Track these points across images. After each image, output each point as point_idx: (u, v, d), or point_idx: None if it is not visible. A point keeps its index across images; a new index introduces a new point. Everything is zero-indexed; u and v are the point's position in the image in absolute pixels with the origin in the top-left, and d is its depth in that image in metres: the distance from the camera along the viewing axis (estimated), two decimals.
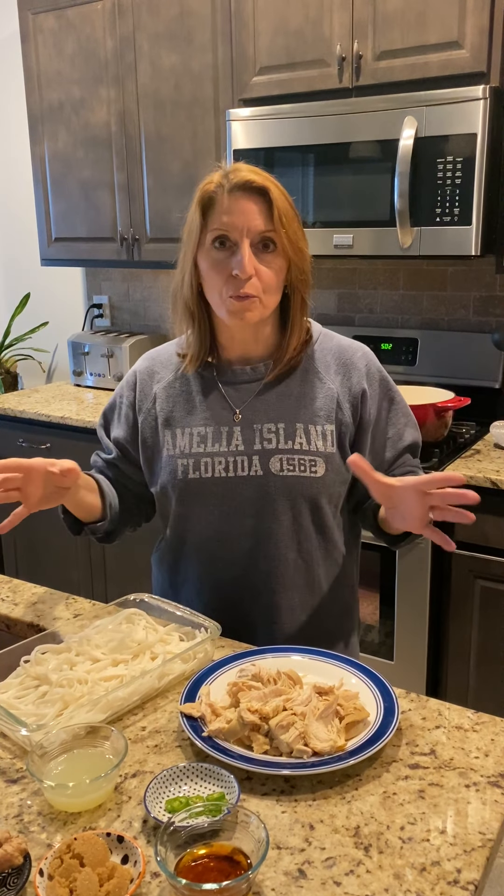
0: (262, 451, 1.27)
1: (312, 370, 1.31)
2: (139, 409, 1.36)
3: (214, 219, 1.20)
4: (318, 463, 1.27)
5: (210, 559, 1.33)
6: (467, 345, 2.59)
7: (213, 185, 1.21)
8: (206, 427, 1.30)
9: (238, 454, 1.28)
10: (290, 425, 1.28)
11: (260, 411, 1.29)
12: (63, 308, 3.65)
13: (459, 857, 0.81)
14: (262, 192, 1.19)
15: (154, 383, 1.36)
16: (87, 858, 0.77)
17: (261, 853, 0.77)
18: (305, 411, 1.29)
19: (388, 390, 1.35)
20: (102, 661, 1.10)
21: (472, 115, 2.10)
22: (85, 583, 3.00)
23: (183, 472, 1.29)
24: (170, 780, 0.90)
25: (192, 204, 1.23)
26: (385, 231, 2.29)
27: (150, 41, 2.71)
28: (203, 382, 1.33)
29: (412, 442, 1.37)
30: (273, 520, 1.28)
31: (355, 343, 1.36)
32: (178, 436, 1.31)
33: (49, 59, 2.96)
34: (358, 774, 0.93)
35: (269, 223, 1.19)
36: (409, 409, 1.38)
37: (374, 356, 1.36)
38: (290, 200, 1.23)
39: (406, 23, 2.20)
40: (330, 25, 2.32)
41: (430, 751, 0.97)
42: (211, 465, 1.28)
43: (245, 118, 2.45)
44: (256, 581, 1.31)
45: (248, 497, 1.28)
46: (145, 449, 1.36)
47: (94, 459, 1.46)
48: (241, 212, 1.18)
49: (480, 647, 2.16)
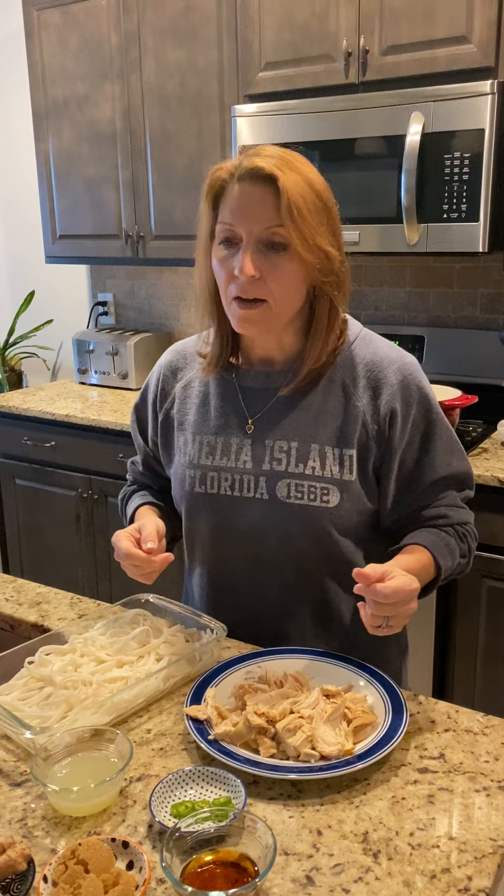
0: (269, 473, 1.17)
1: (339, 382, 1.17)
2: (160, 407, 1.30)
3: (223, 210, 1.10)
4: (332, 491, 1.14)
5: (213, 580, 1.26)
6: (474, 342, 2.58)
7: (225, 172, 1.09)
8: (216, 437, 1.21)
9: (245, 472, 1.18)
10: (303, 445, 1.16)
11: (274, 425, 1.18)
12: (68, 306, 3.64)
13: (470, 864, 0.79)
14: (271, 180, 1.05)
15: (176, 381, 1.29)
16: (91, 864, 0.76)
17: (268, 859, 0.75)
18: (323, 430, 1.16)
19: (427, 411, 1.17)
20: (107, 663, 1.09)
21: (480, 111, 2.08)
22: (90, 582, 2.99)
23: (190, 483, 1.22)
24: (175, 785, 0.89)
25: (203, 192, 1.13)
26: (391, 228, 2.28)
27: (155, 37, 2.69)
28: (222, 385, 1.23)
29: (451, 474, 1.19)
30: (277, 548, 1.18)
31: (395, 353, 1.19)
32: (189, 442, 1.24)
33: (53, 55, 2.95)
34: (366, 779, 0.92)
35: (276, 217, 1.05)
36: (452, 435, 1.20)
37: (418, 369, 1.18)
38: (320, 190, 1.08)
39: (413, 17, 2.18)
40: (336, 20, 2.30)
41: (440, 755, 0.96)
42: (217, 481, 1.20)
43: (250, 114, 2.44)
44: (261, 610, 1.23)
45: (252, 521, 1.18)
46: (165, 452, 1.31)
47: (132, 469, 1.40)
48: (246, 204, 1.07)
49: (487, 648, 2.15)
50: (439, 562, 1.14)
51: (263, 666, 1.09)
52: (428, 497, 1.20)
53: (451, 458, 1.20)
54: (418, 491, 1.19)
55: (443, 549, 1.16)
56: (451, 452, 1.20)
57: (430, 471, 1.18)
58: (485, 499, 2.04)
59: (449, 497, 1.21)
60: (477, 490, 1.28)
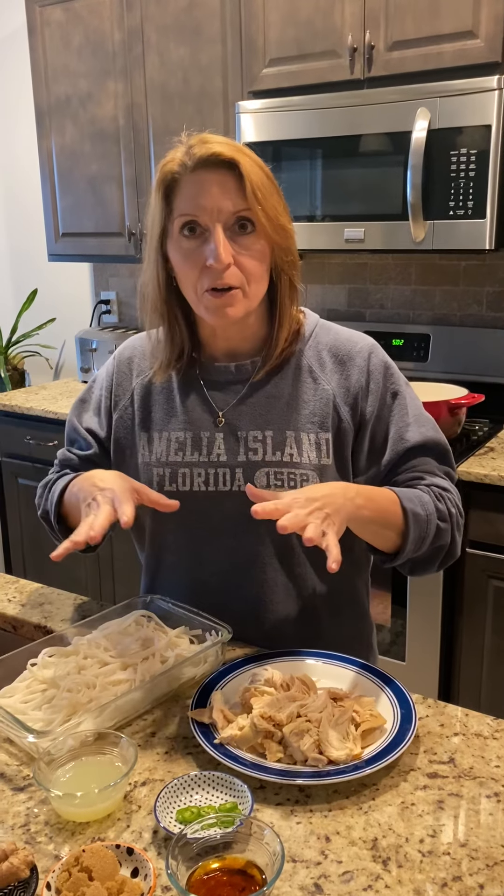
0: (246, 464, 1.15)
1: (306, 368, 1.18)
2: (115, 404, 1.25)
3: (180, 203, 1.07)
4: (311, 478, 1.14)
5: (188, 583, 1.23)
6: (480, 341, 2.56)
7: (176, 164, 1.07)
8: (184, 432, 1.18)
9: (220, 465, 1.16)
10: (279, 433, 1.15)
11: (245, 416, 1.17)
12: (70, 304, 3.63)
13: (482, 872, 0.78)
14: (230, 165, 1.04)
15: (134, 377, 1.24)
16: (95, 872, 0.75)
17: (276, 867, 0.74)
18: (297, 416, 1.16)
19: (392, 383, 1.19)
20: (111, 665, 1.07)
21: (487, 107, 2.06)
22: (93, 582, 2.98)
23: (158, 482, 1.18)
24: (181, 790, 0.88)
25: (153, 188, 1.10)
26: (397, 225, 2.26)
27: (159, 33, 2.67)
28: (185, 381, 1.20)
29: (419, 442, 1.17)
30: (258, 541, 1.16)
31: (357, 335, 1.21)
32: (154, 440, 1.20)
33: (56, 52, 2.93)
34: (375, 784, 0.90)
35: (243, 201, 1.04)
36: (419, 404, 1.21)
37: (381, 349, 1.21)
38: (267, 170, 1.08)
39: (419, 12, 2.16)
40: (341, 15, 2.28)
41: (449, 759, 0.94)
42: (189, 477, 1.17)
43: (254, 111, 2.42)
44: (242, 608, 1.20)
45: (230, 515, 1.15)
46: (117, 450, 1.25)
47: (64, 456, 1.31)
48: (209, 192, 1.04)
49: (494, 649, 2.13)
50: (404, 504, 1.09)
51: (270, 668, 1.08)
52: (396, 468, 1.18)
53: (422, 429, 1.19)
54: (386, 462, 1.18)
55: (412, 496, 1.11)
56: (422, 423, 1.19)
57: (398, 441, 1.17)
58: (491, 498, 2.02)
59: (427, 465, 1.19)
60: (483, 489, 1.26)
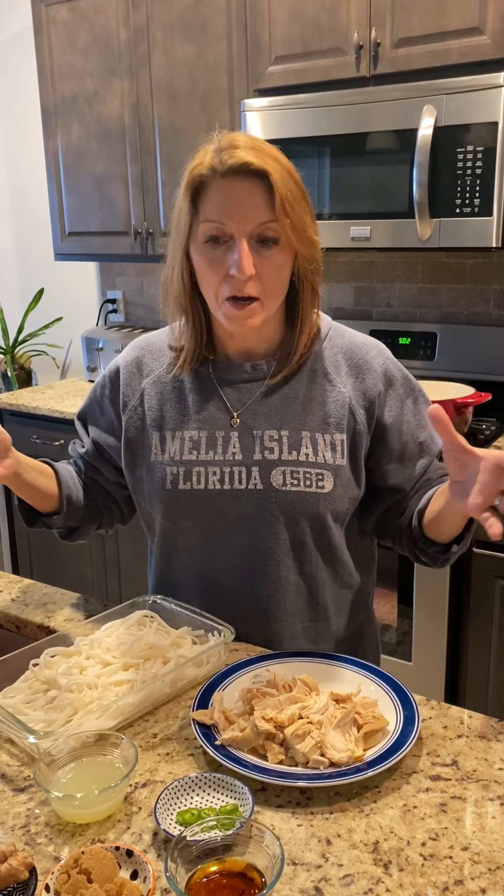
0: (262, 462, 1.16)
1: (321, 370, 1.18)
2: (124, 405, 1.24)
3: (206, 208, 1.07)
4: (326, 477, 1.15)
5: (200, 582, 1.22)
6: (487, 339, 2.54)
7: (205, 168, 1.07)
8: (199, 431, 1.18)
9: (235, 464, 1.16)
10: (294, 433, 1.16)
11: (261, 416, 1.17)
12: (77, 303, 3.63)
13: (484, 876, 0.77)
14: (261, 175, 1.04)
15: (143, 377, 1.24)
16: (94, 874, 0.74)
17: (276, 870, 0.73)
18: (313, 417, 1.17)
19: (412, 390, 1.21)
20: (113, 666, 1.07)
21: (494, 103, 2.04)
22: (99, 580, 2.98)
23: (172, 481, 1.18)
24: (181, 791, 0.87)
25: (181, 189, 1.10)
26: (403, 223, 2.25)
27: (164, 31, 2.67)
28: (198, 380, 1.20)
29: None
30: (272, 539, 1.17)
31: (370, 340, 1.23)
32: (167, 439, 1.20)
33: (62, 51, 2.93)
34: (377, 786, 0.89)
35: (270, 212, 1.04)
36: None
37: (391, 354, 1.23)
38: (297, 176, 1.08)
39: (425, 8, 2.14)
40: (347, 12, 2.27)
41: (452, 761, 0.93)
42: (204, 476, 1.17)
43: (260, 108, 2.41)
44: (253, 606, 1.20)
45: (245, 513, 1.16)
46: (128, 450, 1.24)
47: (70, 449, 1.35)
48: (237, 201, 1.05)
49: (501, 649, 2.11)
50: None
51: (272, 669, 1.07)
52: (426, 472, 1.20)
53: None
54: (420, 466, 1.20)
55: None
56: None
57: (431, 445, 1.20)
58: None
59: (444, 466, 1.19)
60: None
